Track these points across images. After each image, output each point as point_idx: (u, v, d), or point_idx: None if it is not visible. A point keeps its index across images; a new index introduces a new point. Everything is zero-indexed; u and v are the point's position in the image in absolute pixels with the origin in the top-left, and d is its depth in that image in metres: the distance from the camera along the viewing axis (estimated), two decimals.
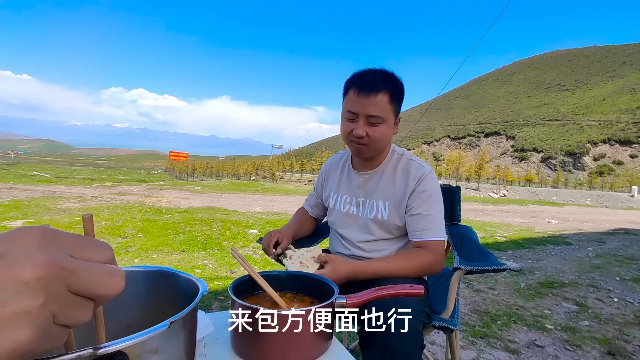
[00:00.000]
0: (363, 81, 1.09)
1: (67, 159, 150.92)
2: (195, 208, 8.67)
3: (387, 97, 1.08)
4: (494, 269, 1.11)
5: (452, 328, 1.09)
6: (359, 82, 1.09)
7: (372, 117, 1.08)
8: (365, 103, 1.08)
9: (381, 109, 1.08)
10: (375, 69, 1.13)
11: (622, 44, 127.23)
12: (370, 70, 1.13)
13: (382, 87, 1.08)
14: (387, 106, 1.09)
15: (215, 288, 2.96)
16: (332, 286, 0.73)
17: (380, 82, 1.08)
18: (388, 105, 1.09)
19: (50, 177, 21.29)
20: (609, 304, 3.00)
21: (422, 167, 1.17)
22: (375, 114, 1.08)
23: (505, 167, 59.47)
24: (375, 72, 1.11)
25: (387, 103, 1.09)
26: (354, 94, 1.10)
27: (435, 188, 1.15)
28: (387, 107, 1.09)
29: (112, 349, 0.36)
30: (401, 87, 1.13)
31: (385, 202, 1.18)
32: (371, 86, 1.07)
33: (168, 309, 0.61)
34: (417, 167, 1.17)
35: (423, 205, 1.12)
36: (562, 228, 8.39)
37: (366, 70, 1.14)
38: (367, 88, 1.07)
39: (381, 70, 1.13)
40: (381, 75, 1.10)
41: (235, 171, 58.23)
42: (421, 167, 1.17)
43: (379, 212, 1.18)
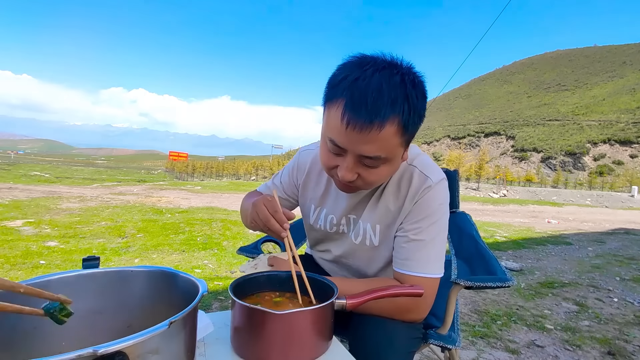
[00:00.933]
0: (358, 104, 0.65)
1: (67, 159, 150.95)
2: (196, 208, 8.67)
3: (395, 128, 0.67)
4: (497, 286, 0.93)
5: (449, 348, 0.97)
6: (350, 104, 0.65)
7: (369, 159, 0.71)
8: (358, 140, 0.67)
9: (384, 147, 0.68)
10: (380, 71, 0.66)
11: (622, 44, 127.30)
12: (372, 75, 0.66)
13: (390, 113, 0.65)
14: (395, 141, 0.69)
15: (215, 288, 2.96)
16: (332, 286, 0.73)
17: (389, 104, 0.65)
18: (396, 140, 0.69)
19: (50, 177, 21.29)
20: (609, 304, 3.00)
21: (427, 178, 0.84)
22: (373, 155, 0.69)
23: (505, 167, 59.51)
24: (381, 84, 0.65)
25: (396, 136, 0.68)
26: (342, 122, 0.67)
27: (437, 207, 0.83)
28: (395, 142, 0.69)
29: (112, 349, 0.36)
30: (421, 104, 0.70)
31: (375, 226, 0.90)
32: (372, 114, 0.64)
33: (168, 309, 0.61)
34: (420, 179, 0.84)
35: (414, 227, 0.83)
36: (562, 228, 8.39)
37: (364, 74, 0.66)
38: (365, 118, 0.65)
39: (391, 73, 0.66)
40: (391, 88, 0.65)
41: (235, 171, 58.24)
42: (425, 178, 0.84)
43: (367, 237, 0.92)
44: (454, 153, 61.65)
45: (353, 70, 0.67)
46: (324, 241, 1.03)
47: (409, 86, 0.67)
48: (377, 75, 0.66)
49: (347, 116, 0.66)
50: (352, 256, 0.97)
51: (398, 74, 0.67)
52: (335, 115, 0.68)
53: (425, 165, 0.86)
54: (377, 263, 0.94)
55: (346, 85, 0.67)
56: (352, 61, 0.70)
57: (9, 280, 0.51)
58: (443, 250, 0.85)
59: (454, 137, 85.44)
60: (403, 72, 0.68)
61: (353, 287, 0.82)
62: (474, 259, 1.12)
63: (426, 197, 0.83)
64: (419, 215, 0.83)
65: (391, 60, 0.70)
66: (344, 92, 0.66)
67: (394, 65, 0.68)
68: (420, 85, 0.70)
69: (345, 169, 0.73)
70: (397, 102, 0.65)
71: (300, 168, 1.04)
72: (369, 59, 0.69)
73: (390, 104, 0.65)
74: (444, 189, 0.86)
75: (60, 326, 0.57)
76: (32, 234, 4.92)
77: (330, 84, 0.71)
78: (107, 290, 0.61)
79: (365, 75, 0.66)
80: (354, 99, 0.65)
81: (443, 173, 0.87)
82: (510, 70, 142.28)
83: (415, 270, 0.81)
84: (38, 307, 0.55)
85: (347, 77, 0.67)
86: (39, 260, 3.66)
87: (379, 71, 0.66)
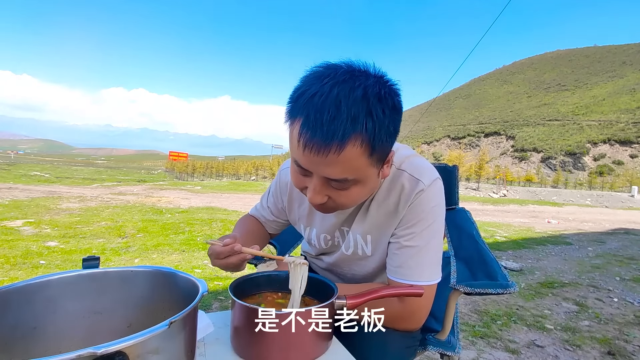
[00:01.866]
0: (314, 123, 0.58)
1: (67, 159, 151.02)
2: (196, 208, 8.67)
3: (359, 149, 0.60)
4: (497, 293, 0.90)
5: (449, 354, 0.94)
6: (306, 124, 0.59)
7: (336, 181, 0.65)
8: (319, 163, 0.62)
9: (349, 169, 0.63)
10: (339, 85, 0.59)
11: (622, 44, 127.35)
12: (330, 90, 0.58)
13: (350, 132, 0.58)
14: (361, 162, 0.62)
15: (215, 288, 2.96)
16: (332, 286, 0.73)
17: (349, 122, 0.58)
18: (363, 160, 0.62)
19: (50, 177, 21.29)
20: (609, 304, 3.00)
21: (418, 181, 0.78)
22: (338, 177, 0.64)
23: (505, 167, 59.52)
24: (340, 100, 0.58)
25: (362, 156, 0.61)
26: (299, 144, 0.62)
27: (430, 210, 0.78)
28: (361, 163, 0.62)
29: (112, 349, 0.36)
30: (390, 119, 0.62)
31: (366, 236, 0.86)
32: (329, 135, 0.58)
33: (168, 309, 0.61)
34: (411, 184, 0.78)
35: (407, 232, 0.79)
36: (562, 228, 8.40)
37: (322, 88, 0.59)
38: (322, 139, 0.58)
39: (352, 86, 0.59)
40: (351, 104, 0.58)
41: (235, 171, 58.24)
42: (416, 182, 0.78)
43: (359, 247, 0.88)
44: (454, 153, 61.64)
45: (312, 85, 0.60)
46: (319, 254, 1.01)
47: (373, 100, 0.59)
48: (335, 89, 0.58)
49: (303, 138, 0.60)
50: (345, 265, 0.94)
51: (360, 87, 0.59)
52: (294, 135, 0.63)
53: (415, 168, 0.80)
54: (370, 271, 0.92)
55: (302, 103, 0.60)
56: (313, 73, 0.63)
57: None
58: (439, 253, 0.81)
59: (454, 137, 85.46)
60: (367, 85, 0.60)
61: (351, 289, 0.80)
62: (474, 261, 1.08)
63: (419, 201, 0.78)
64: (412, 220, 0.78)
65: (356, 70, 0.62)
66: (301, 111, 0.60)
67: (358, 77, 0.61)
68: (389, 98, 0.62)
69: (312, 192, 0.67)
70: (358, 119, 0.58)
71: (281, 188, 0.99)
72: (330, 70, 0.62)
73: (349, 122, 0.58)
74: (438, 189, 0.80)
75: (60, 326, 0.57)
76: (32, 234, 4.93)
77: (289, 100, 0.64)
78: (107, 290, 0.61)
79: (323, 90, 0.58)
80: (309, 118, 0.59)
81: (436, 172, 0.82)
82: (510, 70, 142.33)
83: (409, 278, 0.77)
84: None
85: (304, 92, 0.60)
86: (39, 260, 3.66)
87: (338, 85, 0.59)
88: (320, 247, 0.96)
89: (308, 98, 0.59)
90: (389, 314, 0.77)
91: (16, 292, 0.53)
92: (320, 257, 1.01)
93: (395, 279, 0.79)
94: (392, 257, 0.81)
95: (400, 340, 0.81)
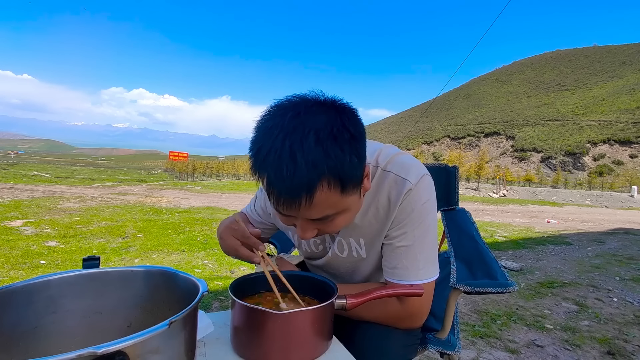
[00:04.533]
0: (277, 184, 0.59)
1: (67, 159, 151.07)
2: (196, 208, 8.67)
3: (327, 189, 0.61)
4: (497, 292, 0.90)
5: (449, 354, 0.94)
6: (270, 186, 0.60)
7: (319, 219, 0.66)
8: (296, 212, 0.63)
9: (327, 207, 0.64)
10: (290, 136, 0.58)
11: (622, 44, 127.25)
12: (282, 144, 0.58)
13: (316, 181, 0.58)
14: (336, 197, 0.63)
15: (216, 288, 2.96)
16: (332, 286, 0.74)
17: (310, 171, 0.57)
18: (337, 195, 0.63)
19: (50, 177, 21.29)
20: (609, 303, 3.01)
21: (404, 181, 0.76)
22: (320, 216, 0.65)
23: (505, 167, 59.50)
24: (294, 153, 0.57)
25: (335, 193, 0.62)
26: (270, 200, 0.64)
27: (421, 207, 0.77)
28: (336, 198, 0.63)
29: (112, 348, 0.37)
30: (351, 150, 0.61)
31: (359, 239, 0.85)
32: (295, 191, 0.59)
33: (168, 308, 0.61)
34: (398, 184, 0.77)
35: (399, 233, 0.79)
36: (562, 228, 8.40)
37: (274, 144, 0.58)
38: (290, 196, 0.60)
39: (303, 134, 0.58)
40: (306, 154, 0.57)
41: (236, 171, 58.20)
42: (403, 181, 0.76)
43: (353, 250, 0.87)
44: (454, 153, 61.61)
45: (265, 140, 0.60)
46: (310, 257, 1.00)
47: (328, 142, 0.58)
48: (287, 142, 0.57)
49: (273, 197, 0.62)
50: (341, 266, 0.94)
51: (311, 133, 0.57)
52: (264, 192, 0.64)
53: (400, 167, 0.78)
54: (365, 272, 0.91)
55: (260, 162, 0.60)
56: (264, 122, 0.62)
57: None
58: (434, 250, 0.80)
59: (454, 137, 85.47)
60: (317, 128, 0.58)
61: (351, 289, 0.79)
62: (474, 261, 1.08)
63: (408, 200, 0.77)
64: (403, 220, 0.78)
65: (302, 112, 0.60)
66: (261, 170, 0.61)
67: (305, 122, 0.59)
68: (344, 132, 0.60)
69: (301, 231, 0.68)
70: (318, 165, 0.57)
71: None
72: (278, 118, 0.60)
73: (310, 170, 0.57)
74: (427, 184, 0.79)
75: (60, 326, 0.57)
76: (32, 233, 4.93)
77: (250, 156, 0.63)
78: (107, 290, 0.62)
79: (276, 146, 0.58)
80: (270, 179, 0.59)
81: (423, 168, 0.80)
82: (510, 70, 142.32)
83: (405, 278, 0.77)
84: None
85: (260, 149, 0.60)
86: (39, 260, 3.66)
87: (288, 136, 0.58)
88: (311, 251, 0.96)
89: (264, 156, 0.59)
90: (389, 313, 0.78)
91: (17, 292, 0.53)
92: (310, 260, 1.01)
93: (392, 280, 0.79)
94: (386, 258, 0.81)
95: (400, 339, 0.81)
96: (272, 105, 0.64)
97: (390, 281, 0.79)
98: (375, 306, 0.77)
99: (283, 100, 0.64)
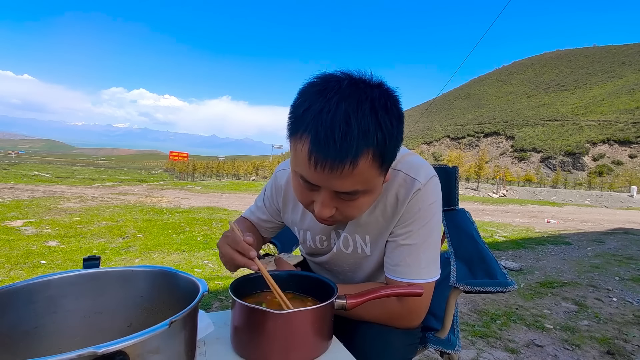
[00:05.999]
0: (325, 141, 0.57)
1: (67, 159, 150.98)
2: (196, 208, 8.67)
3: (371, 161, 0.60)
4: (497, 291, 0.91)
5: (449, 353, 0.94)
6: (316, 142, 0.58)
7: (346, 194, 0.65)
8: (330, 178, 0.61)
9: (361, 181, 0.63)
10: (346, 100, 0.58)
11: (622, 44, 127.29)
12: (337, 105, 0.57)
13: (363, 147, 0.58)
14: (372, 173, 0.63)
15: (216, 288, 2.96)
16: (332, 286, 0.74)
17: (361, 137, 0.57)
18: (374, 171, 0.62)
19: (51, 177, 21.29)
20: (608, 303, 3.01)
21: (414, 180, 0.77)
22: (350, 190, 0.64)
23: (504, 167, 59.51)
24: (349, 115, 0.57)
25: (372, 168, 0.62)
26: (309, 162, 0.60)
27: (427, 208, 0.78)
28: (372, 174, 0.63)
29: (112, 348, 0.37)
30: (397, 129, 0.63)
31: (365, 236, 0.86)
32: (342, 152, 0.57)
33: (168, 308, 0.61)
34: (408, 183, 0.78)
35: (405, 231, 0.79)
36: (562, 228, 8.40)
37: (328, 104, 0.57)
38: (335, 157, 0.58)
39: (359, 99, 0.58)
40: (361, 118, 0.57)
41: (236, 171, 58.20)
42: (412, 181, 0.77)
43: (358, 247, 0.88)
44: (454, 153, 61.61)
45: (316, 100, 0.59)
46: (314, 254, 1.00)
47: (381, 112, 0.59)
48: (342, 104, 0.57)
49: (314, 156, 0.59)
50: (344, 263, 0.94)
51: (367, 100, 0.58)
52: (302, 153, 0.61)
53: (410, 167, 0.79)
54: (367, 269, 0.92)
55: (309, 119, 0.58)
56: (314, 86, 0.61)
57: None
58: (437, 250, 0.81)
59: (454, 137, 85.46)
60: (373, 97, 0.59)
61: (351, 289, 0.79)
62: (473, 261, 1.09)
63: (415, 200, 0.78)
64: (409, 218, 0.79)
65: (359, 82, 0.61)
66: (308, 128, 0.58)
67: (362, 90, 0.60)
68: (394, 108, 0.62)
69: (321, 205, 0.66)
70: (369, 133, 0.58)
71: (277, 190, 0.98)
72: (333, 83, 0.60)
73: (361, 137, 0.57)
74: (435, 186, 0.80)
75: (60, 326, 0.57)
76: (32, 233, 4.93)
77: (292, 116, 0.62)
78: (107, 290, 0.62)
79: (330, 106, 0.57)
80: (319, 136, 0.57)
81: (432, 169, 0.81)
82: (509, 70, 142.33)
83: (407, 276, 0.77)
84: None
85: (309, 108, 0.59)
86: (39, 260, 3.66)
87: (344, 99, 0.57)
88: (315, 247, 0.96)
89: (315, 114, 0.58)
90: (388, 313, 0.79)
91: (17, 292, 0.53)
92: (313, 257, 1.01)
93: (393, 277, 0.80)
94: (389, 255, 0.82)
95: (400, 339, 0.81)
96: (319, 75, 0.64)
97: (391, 278, 0.80)
98: (374, 306, 0.77)
99: (331, 72, 0.64)
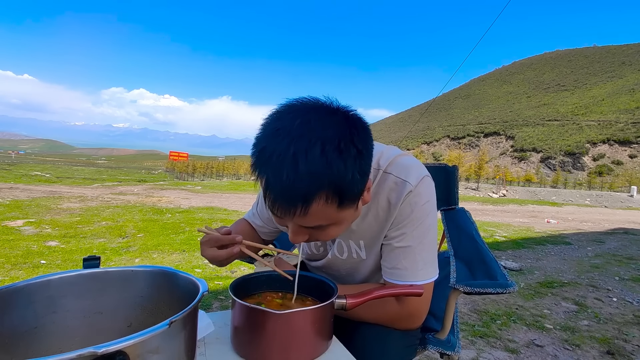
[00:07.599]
0: (275, 187, 0.57)
1: (67, 158, 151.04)
2: (196, 208, 8.67)
3: (324, 202, 0.59)
4: (497, 292, 0.90)
5: (448, 354, 0.94)
6: (268, 187, 0.58)
7: (311, 228, 0.65)
8: (290, 218, 0.62)
9: (321, 218, 0.62)
10: (295, 142, 0.55)
11: (622, 44, 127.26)
12: (287, 149, 0.55)
13: (314, 192, 0.57)
14: (331, 210, 0.61)
15: (216, 288, 2.96)
16: (332, 286, 0.74)
17: (310, 182, 0.55)
18: (332, 209, 0.61)
19: (50, 177, 21.28)
20: (608, 303, 3.01)
21: (405, 183, 0.76)
22: (313, 225, 0.63)
23: (504, 167, 59.48)
24: (297, 161, 0.54)
25: (330, 207, 0.60)
26: (266, 203, 0.62)
27: (420, 209, 0.77)
28: (331, 211, 0.61)
29: (112, 348, 0.37)
30: (356, 167, 0.59)
31: (359, 241, 0.86)
32: (292, 199, 0.57)
33: (168, 308, 0.61)
34: (399, 186, 0.77)
35: (399, 233, 0.78)
36: (562, 228, 8.40)
37: (279, 147, 0.56)
38: (286, 203, 0.58)
39: (309, 142, 0.55)
40: (309, 163, 0.55)
41: (236, 171, 58.17)
42: (403, 183, 0.76)
43: (353, 252, 0.88)
44: (454, 153, 61.60)
45: (270, 141, 0.58)
46: (310, 259, 1.01)
47: (333, 154, 0.55)
48: (292, 147, 0.55)
49: (269, 200, 0.59)
50: (341, 268, 0.94)
51: (317, 143, 0.55)
52: (263, 191, 0.61)
53: (401, 169, 0.78)
54: (364, 272, 0.92)
55: (263, 161, 0.58)
56: (271, 123, 0.60)
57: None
58: (433, 250, 0.80)
59: (454, 137, 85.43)
60: (325, 138, 0.55)
61: (351, 289, 0.79)
62: (473, 261, 1.08)
63: (407, 202, 0.77)
64: (403, 221, 0.78)
65: (311, 121, 0.57)
66: (262, 170, 0.58)
67: (314, 129, 0.56)
68: (351, 147, 0.58)
69: (292, 234, 0.66)
70: (319, 177, 0.55)
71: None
72: (286, 121, 0.58)
73: (310, 182, 0.55)
74: (428, 186, 0.79)
75: (60, 326, 0.57)
76: (32, 233, 4.93)
77: (253, 152, 0.61)
78: (107, 290, 0.62)
79: (280, 149, 0.55)
80: (269, 182, 0.57)
81: (424, 169, 0.80)
82: (509, 70, 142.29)
83: (404, 279, 0.77)
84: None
85: (264, 149, 0.58)
86: (39, 260, 3.66)
87: (294, 142, 0.55)
88: (311, 252, 0.96)
89: (267, 158, 0.57)
90: (387, 314, 0.79)
91: (17, 292, 0.53)
92: (310, 261, 1.01)
93: (391, 280, 0.79)
94: (385, 258, 0.82)
95: (400, 339, 0.81)
96: (283, 105, 0.62)
97: (389, 281, 0.80)
98: (374, 306, 0.77)
99: (295, 100, 0.62)
